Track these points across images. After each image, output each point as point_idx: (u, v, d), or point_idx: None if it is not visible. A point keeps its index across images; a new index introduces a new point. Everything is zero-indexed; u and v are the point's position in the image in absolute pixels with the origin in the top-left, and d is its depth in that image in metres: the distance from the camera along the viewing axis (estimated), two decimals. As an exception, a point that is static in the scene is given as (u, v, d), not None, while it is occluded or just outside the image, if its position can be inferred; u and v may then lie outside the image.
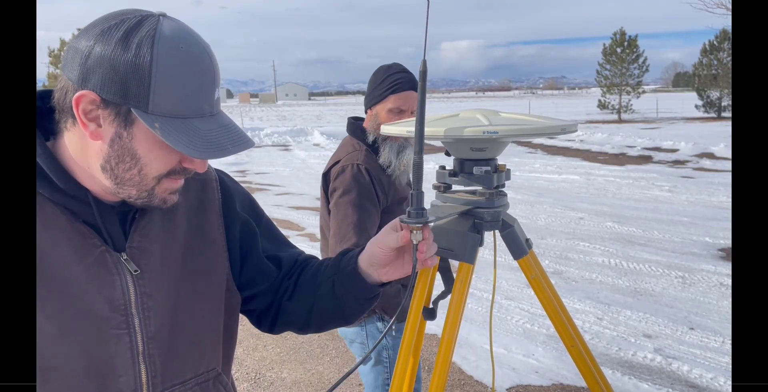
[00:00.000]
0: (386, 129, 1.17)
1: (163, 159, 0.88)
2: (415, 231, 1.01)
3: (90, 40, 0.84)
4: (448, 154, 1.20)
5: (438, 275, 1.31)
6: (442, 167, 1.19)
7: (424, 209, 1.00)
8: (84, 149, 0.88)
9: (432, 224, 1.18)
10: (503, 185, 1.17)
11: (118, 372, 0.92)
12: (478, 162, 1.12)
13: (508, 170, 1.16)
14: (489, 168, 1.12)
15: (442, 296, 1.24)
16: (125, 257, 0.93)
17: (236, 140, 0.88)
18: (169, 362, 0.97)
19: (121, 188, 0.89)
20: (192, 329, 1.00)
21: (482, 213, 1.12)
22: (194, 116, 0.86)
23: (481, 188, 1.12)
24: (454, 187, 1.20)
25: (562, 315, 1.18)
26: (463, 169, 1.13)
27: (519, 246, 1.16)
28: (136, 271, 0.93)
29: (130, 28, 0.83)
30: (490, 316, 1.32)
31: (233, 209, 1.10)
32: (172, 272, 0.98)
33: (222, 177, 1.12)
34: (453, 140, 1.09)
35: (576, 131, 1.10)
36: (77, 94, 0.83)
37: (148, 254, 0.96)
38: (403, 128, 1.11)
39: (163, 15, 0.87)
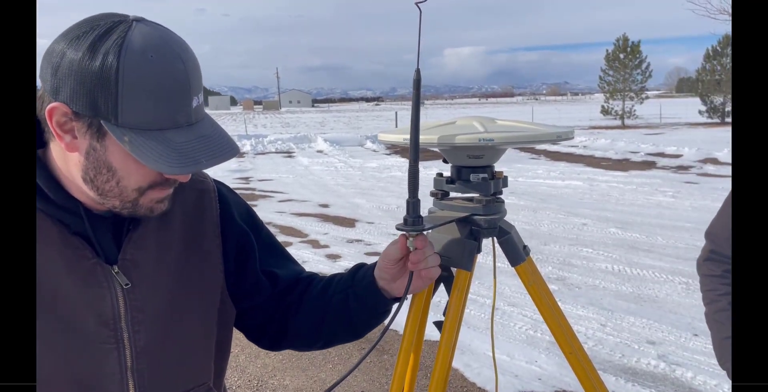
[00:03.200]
0: (383, 136, 1.17)
1: (139, 171, 0.85)
2: (411, 239, 1.01)
3: (61, 48, 0.81)
4: (446, 161, 1.21)
5: (440, 284, 1.31)
6: (440, 174, 1.19)
7: (420, 216, 1.00)
8: (66, 161, 0.87)
9: (429, 231, 1.18)
10: (501, 192, 1.17)
11: (105, 388, 0.90)
12: (475, 169, 1.12)
13: (506, 177, 1.17)
14: (486, 175, 1.12)
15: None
16: (116, 270, 0.91)
17: (213, 152, 0.84)
18: (158, 377, 0.95)
19: (105, 199, 0.87)
20: (183, 343, 0.99)
21: (479, 220, 1.12)
22: (168, 127, 0.82)
23: (478, 195, 1.12)
24: (452, 194, 1.20)
25: (560, 322, 1.18)
26: (460, 176, 1.13)
27: (516, 253, 1.16)
28: (126, 284, 0.91)
29: (99, 35, 0.79)
30: (491, 323, 1.32)
31: (231, 220, 1.08)
32: (165, 285, 0.96)
33: (220, 188, 1.10)
34: (449, 148, 1.09)
35: (572, 137, 1.10)
36: (49, 106, 0.81)
37: (141, 266, 0.94)
38: (399, 135, 1.11)
39: (139, 20, 0.83)
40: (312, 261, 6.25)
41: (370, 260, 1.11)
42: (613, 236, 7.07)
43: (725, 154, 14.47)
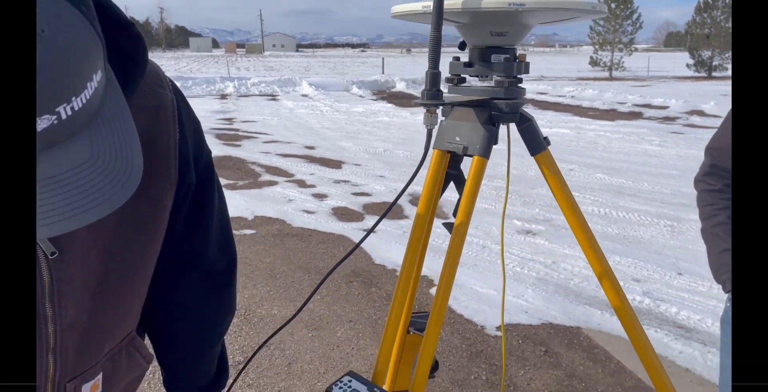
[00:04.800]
0: (397, 8, 1.07)
1: None
2: (429, 114, 0.93)
3: None
4: (462, 46, 1.12)
5: (449, 183, 1.25)
6: (456, 59, 1.10)
7: (440, 90, 0.93)
8: None
9: (444, 118, 1.10)
10: (522, 80, 1.09)
11: None
12: (496, 50, 1.04)
13: (528, 62, 1.08)
14: (509, 56, 1.04)
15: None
16: None
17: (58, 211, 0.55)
18: (84, 349, 0.81)
19: None
20: (118, 307, 0.84)
21: (500, 104, 1.04)
22: None
23: (499, 77, 1.04)
24: (469, 81, 1.12)
25: (577, 214, 1.13)
26: (481, 57, 1.05)
27: (537, 142, 1.10)
28: (53, 253, 0.73)
29: None
30: (501, 237, 1.27)
31: (187, 155, 0.86)
32: (101, 246, 0.78)
33: (179, 105, 0.83)
34: (471, 21, 1.00)
35: (605, 13, 1.02)
36: None
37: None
38: (419, 3, 1.02)
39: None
40: (298, 200, 6.19)
41: (357, 199, 1.04)
42: (600, 181, 7.08)
43: (712, 106, 14.46)
